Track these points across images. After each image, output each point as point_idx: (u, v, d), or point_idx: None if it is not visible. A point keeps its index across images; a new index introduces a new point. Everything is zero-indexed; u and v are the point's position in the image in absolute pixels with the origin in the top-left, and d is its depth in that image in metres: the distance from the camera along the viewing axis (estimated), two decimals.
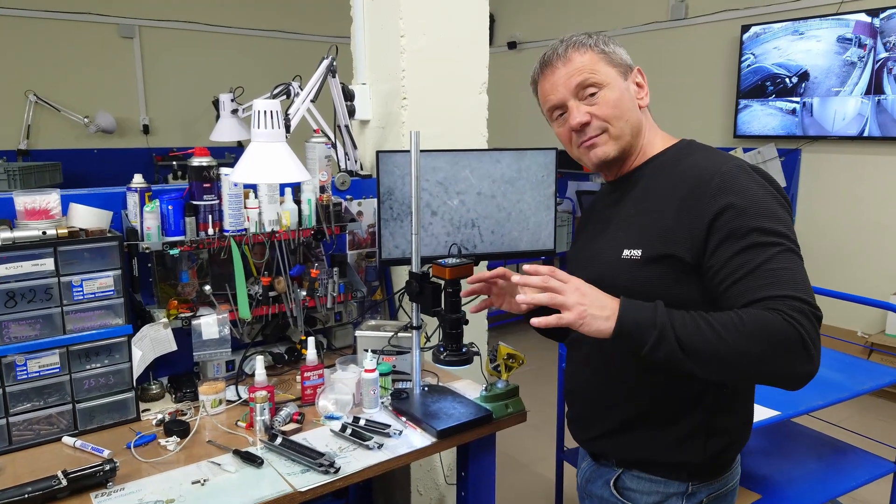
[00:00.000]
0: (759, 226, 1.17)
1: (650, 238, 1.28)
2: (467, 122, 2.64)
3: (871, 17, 4.39)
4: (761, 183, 1.24)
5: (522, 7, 7.03)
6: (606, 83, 1.34)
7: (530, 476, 3.45)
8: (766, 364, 1.12)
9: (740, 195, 1.20)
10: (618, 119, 1.34)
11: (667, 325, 1.14)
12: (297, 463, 1.59)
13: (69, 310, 1.73)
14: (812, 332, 1.11)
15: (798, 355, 1.10)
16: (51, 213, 1.75)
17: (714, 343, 1.12)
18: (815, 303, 1.14)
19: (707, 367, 1.15)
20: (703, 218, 1.21)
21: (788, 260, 1.16)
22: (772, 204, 1.21)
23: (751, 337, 1.10)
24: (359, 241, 2.40)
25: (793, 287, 1.13)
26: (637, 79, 1.39)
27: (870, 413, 4.05)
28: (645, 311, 1.17)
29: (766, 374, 1.15)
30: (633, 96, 1.38)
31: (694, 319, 1.14)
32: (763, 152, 5.10)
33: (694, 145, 1.39)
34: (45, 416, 1.72)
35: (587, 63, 1.34)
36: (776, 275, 1.15)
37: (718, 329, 1.12)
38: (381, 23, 2.53)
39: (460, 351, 1.77)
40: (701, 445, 1.32)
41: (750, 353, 1.11)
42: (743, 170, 1.25)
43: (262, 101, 1.72)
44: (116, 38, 5.89)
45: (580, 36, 1.37)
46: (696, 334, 1.13)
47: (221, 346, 2.00)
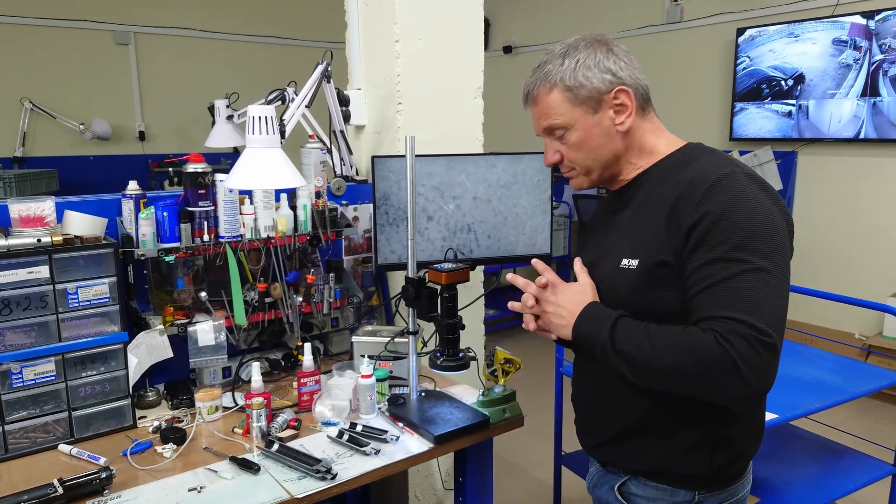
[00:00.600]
0: (734, 240, 1.15)
1: (646, 247, 1.27)
2: (463, 126, 2.64)
3: (867, 19, 4.41)
4: (750, 194, 1.19)
5: (518, 11, 7.04)
6: (570, 125, 1.33)
7: (528, 481, 3.44)
8: (693, 382, 1.16)
9: (723, 205, 1.17)
10: (583, 159, 1.36)
11: (606, 339, 1.23)
12: (293, 469, 1.58)
13: (64, 317, 1.72)
14: (749, 355, 1.10)
15: (726, 377, 1.11)
16: (45, 220, 1.75)
17: (648, 357, 1.18)
18: (766, 328, 1.11)
19: (643, 379, 1.22)
20: (685, 224, 1.20)
21: (754, 279, 1.13)
22: (758, 218, 1.16)
23: (680, 355, 1.15)
24: (355, 247, 2.39)
25: (743, 309, 1.12)
26: (617, 101, 1.32)
27: (868, 415, 4.05)
28: (596, 322, 1.26)
29: (695, 391, 1.19)
30: (607, 128, 1.33)
31: (640, 333, 1.21)
32: (759, 155, 5.11)
33: (699, 150, 1.35)
34: (41, 424, 1.72)
35: (552, 105, 1.33)
36: (734, 294, 1.14)
37: (655, 344, 1.18)
38: (375, 28, 2.53)
39: (457, 356, 1.77)
40: (707, 457, 1.30)
41: (676, 369, 1.16)
42: (734, 178, 1.20)
43: (257, 106, 1.72)
44: (112, 45, 5.89)
45: (553, 63, 1.33)
46: (635, 348, 1.20)
47: (217, 353, 1.99)
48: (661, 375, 1.19)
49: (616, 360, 1.23)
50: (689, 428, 1.30)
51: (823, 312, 4.84)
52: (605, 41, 1.34)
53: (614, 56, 1.32)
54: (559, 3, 6.61)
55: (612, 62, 1.32)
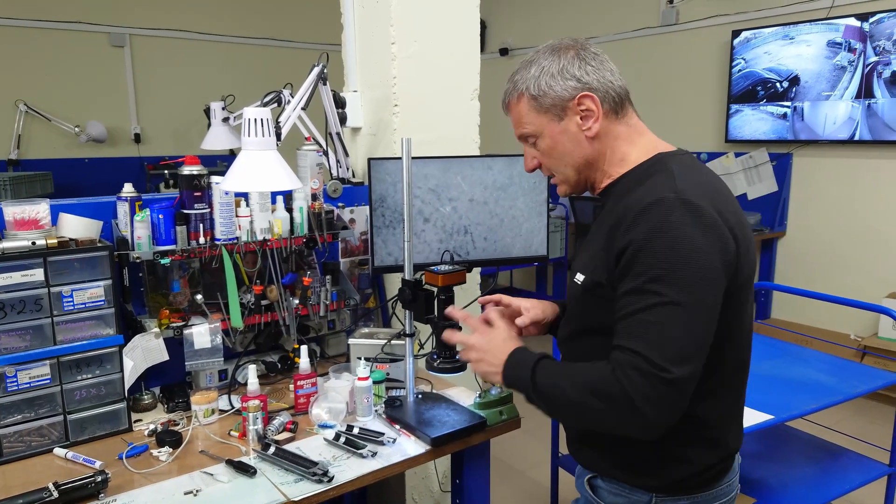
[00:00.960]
0: (650, 272, 1.14)
1: (591, 265, 1.30)
2: (459, 128, 2.64)
3: (861, 21, 4.42)
4: (677, 224, 1.15)
5: (514, 13, 7.05)
6: (539, 133, 1.35)
7: (525, 482, 3.44)
8: (595, 417, 1.20)
9: (644, 234, 1.16)
10: (556, 165, 1.37)
11: (529, 384, 1.28)
12: (290, 472, 1.58)
13: (59, 320, 1.72)
14: (645, 389, 1.11)
15: (620, 410, 1.14)
16: (40, 223, 1.74)
17: (559, 397, 1.24)
18: (663, 363, 1.10)
19: (560, 417, 1.32)
20: (615, 250, 1.21)
21: (662, 313, 1.13)
22: (676, 250, 1.14)
23: (585, 391, 1.19)
24: (351, 249, 2.39)
25: (647, 342, 1.12)
26: (582, 107, 1.30)
27: (863, 416, 4.06)
28: (520, 368, 1.31)
29: (600, 425, 1.25)
30: (574, 135, 1.32)
31: (557, 373, 1.26)
32: (754, 157, 5.13)
33: (659, 165, 1.30)
34: (36, 428, 1.71)
35: (521, 115, 1.36)
36: (641, 326, 1.14)
37: (563, 382, 1.23)
38: (372, 30, 2.53)
39: (454, 358, 1.76)
40: (654, 472, 1.31)
41: (581, 405, 1.20)
42: (662, 205, 1.17)
43: (253, 109, 1.72)
44: (107, 47, 5.88)
45: (521, 72, 1.35)
46: (550, 388, 1.25)
47: (213, 356, 1.99)
48: (570, 412, 1.27)
49: (538, 402, 1.28)
50: (634, 445, 1.29)
51: (818, 313, 4.86)
52: (574, 45, 1.33)
53: (580, 61, 1.31)
54: (555, 6, 6.62)
55: (577, 67, 1.30)
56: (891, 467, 2.48)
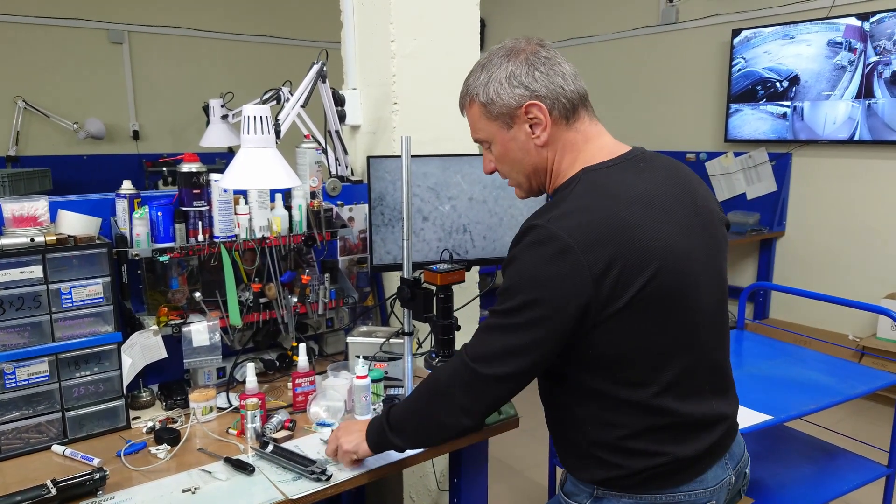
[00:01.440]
0: (501, 285, 1.26)
1: None
2: (459, 126, 2.63)
3: (862, 21, 4.42)
4: (526, 254, 1.21)
5: (514, 12, 7.04)
6: (491, 139, 1.36)
7: (523, 482, 3.44)
8: (423, 414, 1.43)
9: (508, 258, 1.26)
10: (509, 171, 1.39)
11: (383, 420, 1.47)
12: (288, 470, 1.58)
13: (58, 317, 1.71)
14: (457, 373, 1.32)
15: (440, 397, 1.37)
16: (39, 220, 1.74)
17: (406, 415, 1.45)
18: (476, 355, 1.28)
19: (406, 437, 1.46)
20: None
21: (493, 322, 1.28)
22: (516, 271, 1.23)
23: (426, 389, 1.41)
24: (350, 247, 2.39)
25: (471, 341, 1.32)
26: (530, 115, 1.28)
27: (862, 416, 4.06)
28: (374, 423, 1.51)
29: (432, 419, 1.41)
30: (524, 143, 1.31)
31: (404, 402, 1.48)
32: (754, 156, 5.13)
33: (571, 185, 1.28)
34: (34, 425, 1.71)
35: (473, 119, 1.37)
36: (478, 331, 1.32)
37: (412, 398, 1.45)
38: (371, 27, 2.53)
39: (452, 357, 1.77)
40: (586, 469, 1.33)
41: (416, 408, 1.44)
42: (525, 236, 1.23)
43: (252, 106, 1.71)
44: (106, 44, 5.87)
45: (473, 75, 1.34)
46: (400, 409, 1.46)
47: (212, 353, 1.99)
48: (416, 422, 1.45)
49: (389, 434, 1.46)
50: (568, 436, 1.38)
51: (817, 313, 4.86)
52: (526, 48, 1.29)
53: (528, 67, 1.27)
54: (555, 4, 6.61)
55: (525, 74, 1.27)
56: (889, 468, 2.48)
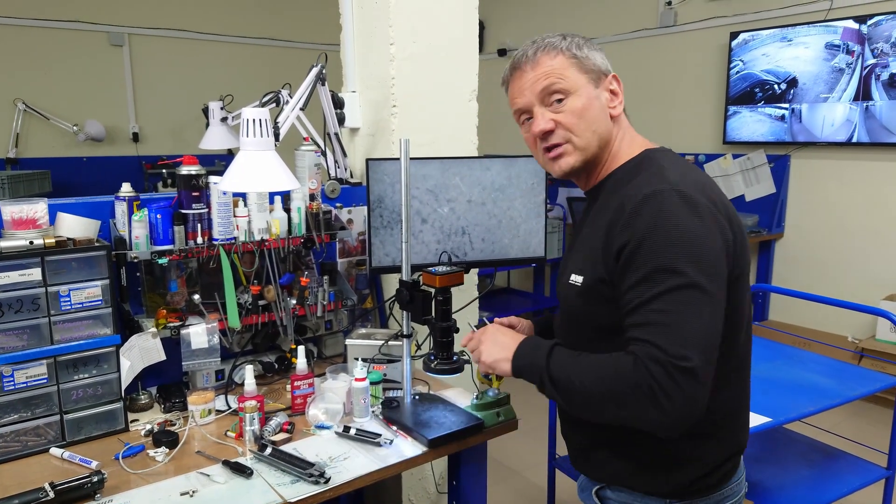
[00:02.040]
0: (653, 261, 1.14)
1: (589, 265, 1.28)
2: (457, 129, 2.64)
3: (859, 23, 4.42)
4: (673, 212, 1.15)
5: (513, 14, 7.05)
6: (574, 90, 1.29)
7: (522, 484, 3.44)
8: (620, 410, 1.16)
9: (644, 226, 1.16)
10: (583, 129, 1.30)
11: (543, 367, 1.26)
12: (286, 473, 1.58)
13: (56, 320, 1.71)
14: (663, 381, 1.09)
15: (646, 405, 1.11)
16: (38, 222, 1.74)
17: (576, 384, 1.21)
18: (680, 351, 1.09)
19: (575, 406, 1.24)
20: (615, 246, 1.20)
21: (671, 301, 1.12)
22: (677, 237, 1.14)
23: (601, 380, 1.17)
24: (349, 249, 2.39)
25: (658, 332, 1.11)
26: (611, 86, 1.33)
27: (861, 418, 4.06)
28: (533, 355, 1.30)
29: (624, 417, 1.18)
30: (604, 105, 1.32)
31: (572, 360, 1.24)
32: (752, 158, 5.13)
33: (647, 161, 1.31)
34: (32, 428, 1.71)
35: (555, 68, 1.29)
36: (650, 316, 1.13)
37: (585, 370, 1.20)
38: (370, 30, 2.53)
39: (451, 359, 1.77)
40: (664, 475, 1.29)
41: (603, 395, 1.17)
42: (659, 197, 1.17)
43: (251, 109, 1.72)
44: (106, 46, 5.87)
45: (554, 38, 1.32)
46: (566, 375, 1.23)
47: (211, 356, 1.99)
48: (587, 402, 1.21)
49: (552, 389, 1.25)
50: (642, 446, 1.29)
51: (816, 315, 4.86)
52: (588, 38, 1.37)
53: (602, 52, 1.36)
54: (554, 7, 6.62)
55: (604, 57, 1.35)
56: (888, 470, 2.48)
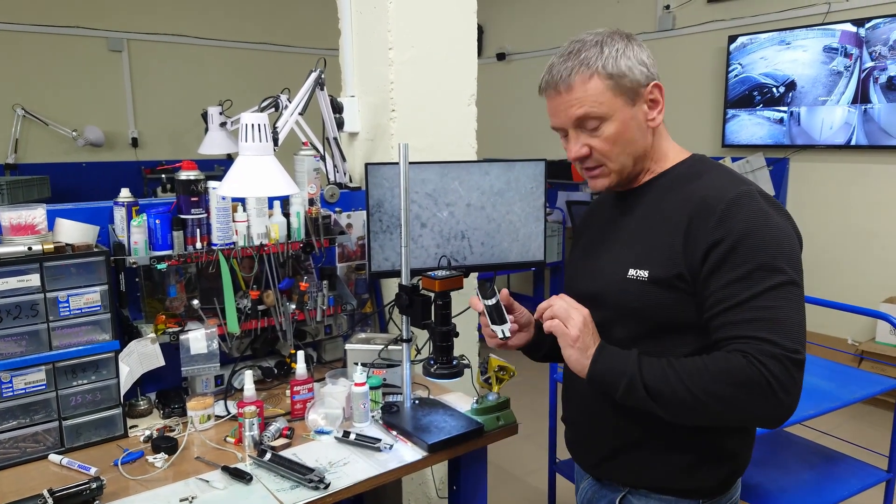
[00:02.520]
0: (754, 259, 1.14)
1: (657, 258, 1.25)
2: (456, 133, 2.64)
3: (857, 26, 4.43)
4: (768, 213, 1.18)
5: (511, 19, 7.06)
6: (609, 116, 1.26)
7: (523, 488, 3.43)
8: (733, 409, 1.14)
9: (741, 224, 1.16)
10: (617, 154, 1.29)
11: (636, 373, 1.19)
12: (286, 479, 1.57)
13: (55, 326, 1.71)
14: (782, 375, 1.10)
15: (764, 400, 1.11)
16: (36, 228, 1.74)
17: (681, 391, 1.15)
18: (793, 345, 1.11)
19: (676, 414, 1.19)
20: (702, 245, 1.19)
21: (776, 297, 1.13)
22: (774, 236, 1.16)
23: (715, 384, 1.13)
24: (348, 254, 2.39)
25: (770, 328, 1.12)
26: (652, 96, 1.29)
27: (862, 421, 4.06)
28: (617, 359, 1.22)
29: (735, 418, 1.19)
30: (642, 122, 1.29)
31: (663, 367, 1.18)
32: (751, 161, 5.13)
33: (705, 163, 1.32)
34: (31, 434, 1.70)
35: (590, 94, 1.25)
36: (757, 313, 1.13)
37: (684, 377, 1.16)
38: (369, 35, 2.53)
39: (451, 364, 1.76)
40: (712, 472, 1.30)
41: (715, 399, 1.14)
42: (751, 197, 1.19)
43: (250, 114, 1.72)
44: (105, 52, 5.88)
45: (590, 50, 1.26)
46: (664, 382, 1.17)
47: (210, 361, 1.98)
48: (696, 408, 1.16)
49: (644, 396, 1.19)
50: (688, 444, 1.29)
51: (816, 318, 4.84)
52: (632, 36, 1.32)
53: (646, 50, 1.30)
54: (552, 11, 6.63)
55: (646, 56, 1.29)
56: (889, 473, 2.48)
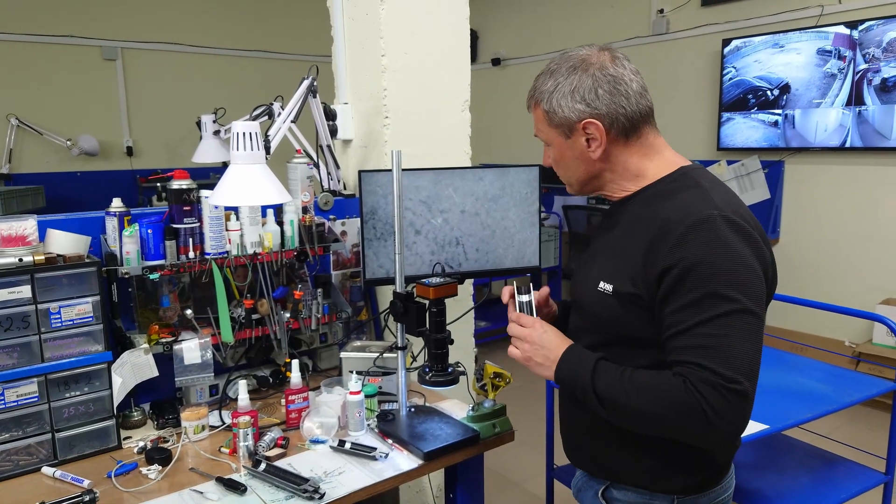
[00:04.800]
0: (704, 286, 1.16)
1: (621, 275, 1.30)
2: (450, 139, 2.63)
3: (850, 29, 4.44)
4: (725, 241, 1.17)
5: (506, 23, 7.07)
6: (550, 142, 1.40)
7: (520, 494, 3.42)
8: (669, 427, 1.21)
9: (695, 251, 1.17)
10: (563, 173, 1.43)
11: (588, 381, 1.28)
12: (281, 489, 1.56)
13: (47, 337, 1.70)
14: (717, 403, 1.12)
15: (697, 424, 1.15)
16: (28, 239, 1.73)
17: (627, 403, 1.23)
18: (734, 375, 1.13)
19: (621, 422, 1.29)
20: (657, 268, 1.21)
21: (724, 325, 1.15)
22: (728, 265, 1.16)
23: (654, 401, 1.20)
24: (343, 262, 2.38)
25: (711, 357, 1.14)
26: (587, 131, 1.31)
27: (859, 423, 4.05)
28: (577, 366, 1.31)
29: (673, 435, 1.24)
30: (581, 153, 1.35)
31: (616, 377, 1.26)
32: (746, 164, 5.14)
33: (686, 179, 1.31)
34: (23, 447, 1.69)
35: (536, 121, 1.41)
36: (701, 340, 1.16)
37: (632, 391, 1.23)
38: (361, 42, 2.53)
39: (446, 371, 1.76)
40: (680, 477, 1.34)
41: (653, 415, 1.20)
42: (710, 223, 1.18)
43: (241, 122, 1.71)
44: (99, 61, 5.87)
45: (540, 80, 1.37)
46: (614, 392, 1.25)
47: (204, 371, 1.97)
48: (635, 420, 1.25)
49: (595, 403, 1.28)
50: (657, 450, 1.33)
51: (812, 320, 4.85)
52: (595, 63, 1.31)
53: (594, 84, 1.29)
54: (547, 16, 6.64)
55: (589, 91, 1.29)
56: (887, 475, 2.47)
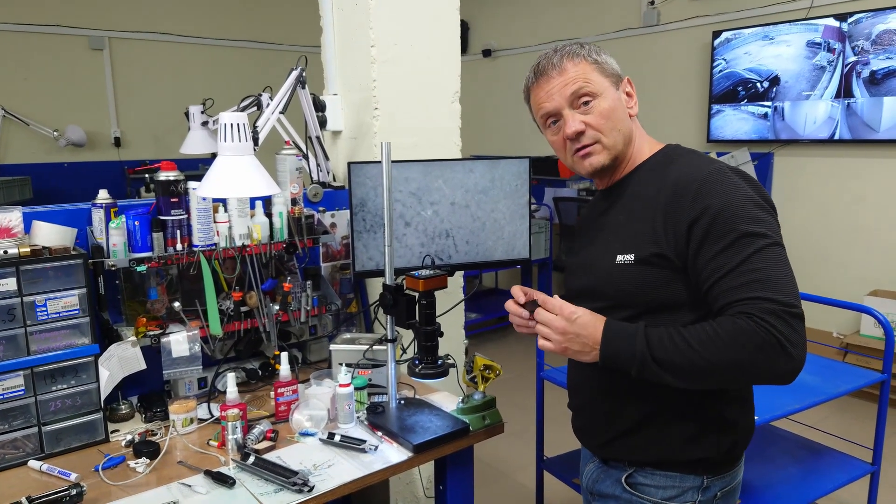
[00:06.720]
0: (735, 227, 1.21)
1: (641, 241, 1.33)
2: (440, 131, 2.62)
3: (840, 21, 4.45)
4: (739, 186, 1.26)
5: (497, 15, 7.04)
6: (600, 93, 1.37)
7: (511, 486, 3.43)
8: (747, 369, 1.19)
9: (717, 199, 1.24)
10: (610, 129, 1.39)
11: (645, 352, 1.23)
12: (270, 482, 1.56)
13: (33, 330, 1.68)
14: (787, 330, 1.14)
15: (776, 356, 1.15)
16: (13, 231, 1.71)
17: (696, 360, 1.19)
18: (790, 300, 1.16)
19: (692, 381, 1.23)
20: (684, 222, 1.26)
21: (765, 259, 1.19)
22: (748, 205, 1.24)
23: (727, 347, 1.17)
24: (332, 254, 2.37)
25: (765, 287, 1.17)
26: (627, 88, 1.43)
27: (847, 414, 4.09)
28: (624, 341, 1.26)
29: (750, 378, 1.26)
30: (624, 105, 1.41)
31: (672, 339, 1.22)
32: (736, 156, 5.14)
33: (678, 150, 1.42)
34: (9, 440, 1.67)
35: (581, 73, 1.37)
36: (750, 275, 1.19)
37: (695, 345, 1.19)
38: (351, 32, 2.51)
39: (436, 363, 1.76)
40: (715, 441, 1.36)
41: (729, 362, 1.18)
42: (722, 173, 1.28)
43: (229, 114, 1.70)
44: (86, 50, 5.82)
45: (573, 45, 1.40)
46: (675, 353, 1.21)
47: (192, 364, 1.96)
48: (708, 374, 1.21)
49: (657, 371, 1.23)
50: (693, 415, 1.35)
51: None
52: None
53: None
54: (538, 7, 6.62)
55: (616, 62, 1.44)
56: (873, 465, 2.49)
